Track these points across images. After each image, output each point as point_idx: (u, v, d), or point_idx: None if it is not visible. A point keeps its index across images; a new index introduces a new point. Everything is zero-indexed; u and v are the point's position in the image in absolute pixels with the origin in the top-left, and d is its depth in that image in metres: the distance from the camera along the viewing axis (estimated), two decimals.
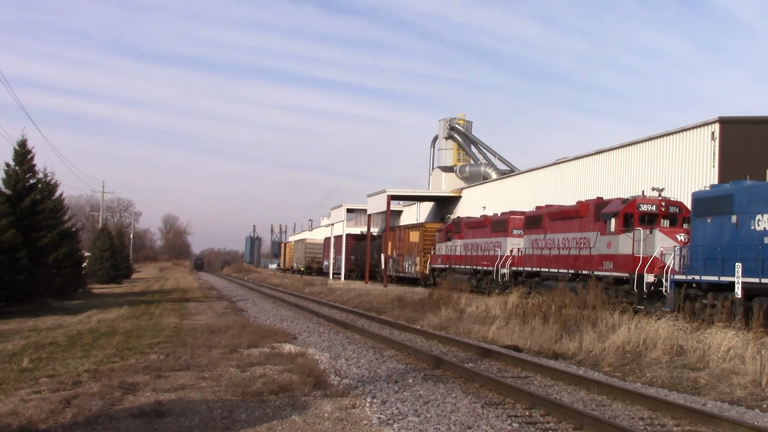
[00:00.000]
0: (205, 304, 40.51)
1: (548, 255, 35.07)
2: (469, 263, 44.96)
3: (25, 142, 41.80)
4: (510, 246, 40.04)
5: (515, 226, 40.53)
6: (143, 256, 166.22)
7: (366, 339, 23.44)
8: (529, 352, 20.84)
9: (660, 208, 29.33)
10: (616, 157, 42.48)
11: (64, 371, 15.88)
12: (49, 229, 41.92)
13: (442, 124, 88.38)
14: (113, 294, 53.83)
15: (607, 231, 30.15)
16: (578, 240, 32.53)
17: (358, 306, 38.53)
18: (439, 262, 50.52)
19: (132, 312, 33.57)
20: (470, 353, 20.13)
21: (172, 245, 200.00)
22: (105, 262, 76.65)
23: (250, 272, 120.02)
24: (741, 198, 22.52)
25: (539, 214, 37.18)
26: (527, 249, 37.57)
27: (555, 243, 34.61)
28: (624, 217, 29.36)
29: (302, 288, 58.89)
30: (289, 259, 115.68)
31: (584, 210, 32.51)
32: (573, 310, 23.91)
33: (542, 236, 36.01)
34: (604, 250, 30.23)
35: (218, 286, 71.18)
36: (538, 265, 35.96)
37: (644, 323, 20.11)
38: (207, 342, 20.88)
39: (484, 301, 30.72)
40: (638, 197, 30.07)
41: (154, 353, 18.51)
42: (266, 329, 24.85)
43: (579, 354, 19.87)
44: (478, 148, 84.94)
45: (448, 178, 78.04)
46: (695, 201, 24.91)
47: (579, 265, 32.05)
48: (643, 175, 39.03)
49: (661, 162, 38.10)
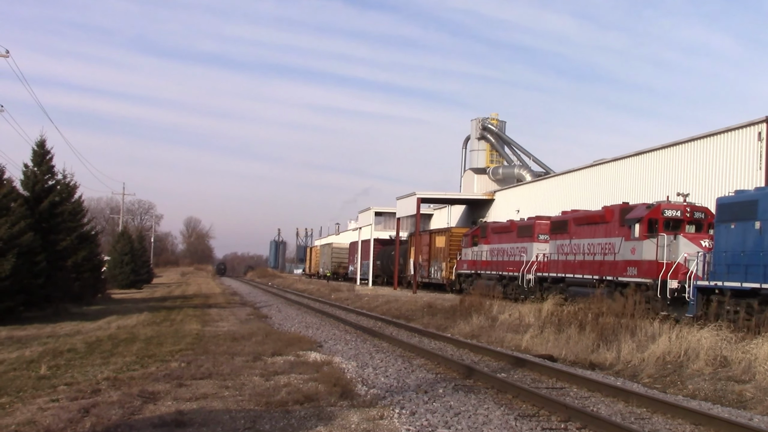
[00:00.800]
0: (227, 310, 40.65)
1: (573, 261, 35.65)
2: (495, 269, 45.56)
3: (43, 143, 42.22)
4: (536, 251, 40.62)
5: (541, 231, 41.06)
6: (164, 261, 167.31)
7: (394, 347, 23.42)
8: (564, 362, 20.74)
9: (685, 213, 29.84)
10: (656, 158, 42.16)
11: (82, 379, 15.99)
12: (68, 232, 42.34)
13: (474, 124, 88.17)
14: (133, 299, 54.18)
15: (631, 236, 30.76)
16: (603, 245, 33.13)
17: (386, 313, 38.51)
18: (465, 267, 51.05)
19: (152, 318, 33.76)
20: (503, 363, 20.07)
21: (194, 249, 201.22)
22: (125, 267, 77.20)
23: (274, 277, 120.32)
24: (765, 204, 22.99)
25: (565, 219, 37.75)
26: (553, 254, 38.18)
27: (580, 248, 35.22)
28: (648, 222, 29.93)
29: (328, 294, 58.94)
30: (315, 264, 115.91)
31: (609, 215, 33.07)
32: (610, 319, 23.79)
33: (568, 241, 36.59)
34: (629, 256, 30.79)
35: (241, 291, 71.43)
36: (564, 271, 36.50)
37: (686, 332, 19.95)
38: (230, 349, 20.93)
39: (517, 308, 30.66)
40: (663, 202, 30.62)
41: (175, 361, 18.59)
42: (291, 336, 24.89)
43: (617, 364, 19.74)
44: (511, 149, 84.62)
45: (481, 180, 77.81)
46: (719, 206, 25.46)
47: (604, 271, 32.57)
48: (685, 178, 38.72)
49: (704, 164, 37.76)
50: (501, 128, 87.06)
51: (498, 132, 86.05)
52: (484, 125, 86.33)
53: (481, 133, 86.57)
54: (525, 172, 75.16)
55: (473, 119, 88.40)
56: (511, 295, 40.78)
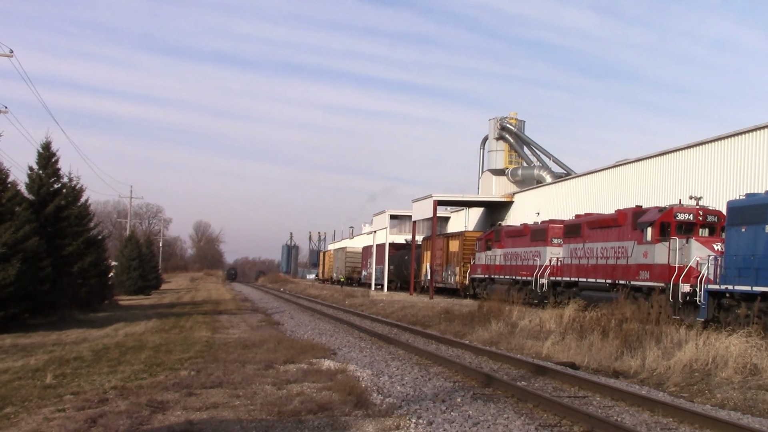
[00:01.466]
0: (238, 316, 40.72)
1: (587, 264, 36.55)
2: (508, 273, 46.34)
3: (49, 145, 42.43)
4: (549, 255, 41.56)
5: (554, 235, 42.11)
6: (173, 266, 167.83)
7: (411, 355, 23.42)
8: (586, 369, 20.68)
9: (697, 216, 30.61)
10: (682, 158, 41.93)
11: (89, 388, 16.04)
12: (74, 236, 42.48)
13: (492, 124, 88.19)
14: (141, 306, 54.35)
15: (643, 240, 31.62)
16: (616, 249, 34.00)
17: (402, 319, 38.51)
18: (478, 272, 51.92)
19: (161, 325, 33.85)
20: (523, 370, 20.04)
21: (204, 254, 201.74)
22: (133, 272, 77.49)
23: (286, 283, 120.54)
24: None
25: (578, 222, 38.75)
26: (566, 258, 39.07)
27: (594, 252, 36.09)
28: (661, 226, 30.71)
29: (342, 300, 58.97)
30: (329, 268, 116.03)
31: (622, 218, 33.92)
32: (635, 325, 23.72)
33: (581, 245, 37.54)
34: (641, 260, 31.63)
35: (253, 297, 71.53)
36: (577, 275, 37.43)
37: (713, 339, 19.87)
38: (241, 357, 20.96)
39: (538, 314, 30.67)
40: (675, 206, 31.43)
41: (184, 369, 18.63)
42: (304, 344, 24.91)
43: (641, 372, 19.66)
44: (531, 149, 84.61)
45: (499, 181, 77.88)
46: (730, 210, 26.17)
47: (617, 274, 33.45)
48: (712, 179, 38.56)
49: (733, 164, 37.55)
50: (520, 128, 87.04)
51: (517, 132, 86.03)
52: (503, 125, 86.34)
53: (499, 133, 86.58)
54: (545, 173, 75.13)
55: (491, 119, 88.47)
56: (525, 300, 41.17)
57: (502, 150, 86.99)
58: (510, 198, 65.25)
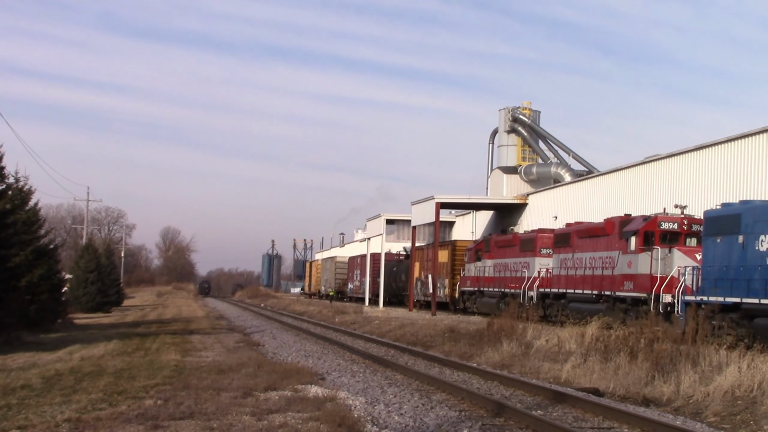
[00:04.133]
0: (212, 336, 40.71)
1: (575, 275, 39.59)
2: (497, 286, 49.08)
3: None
4: (538, 266, 44.63)
5: (544, 245, 45.17)
6: (137, 279, 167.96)
7: (410, 380, 23.46)
8: (612, 396, 20.73)
9: (682, 226, 33.89)
10: (721, 153, 41.81)
11: (38, 421, 15.96)
12: (21, 246, 42.32)
13: (502, 115, 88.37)
14: (100, 325, 54.27)
15: (628, 250, 34.82)
16: (604, 259, 37.08)
17: (400, 339, 38.58)
18: (468, 284, 54.69)
19: (123, 347, 33.79)
20: (539, 397, 20.08)
21: (173, 265, 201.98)
22: (90, 286, 77.31)
23: (267, 298, 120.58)
24: (747, 218, 26.84)
25: (568, 231, 42.00)
26: (556, 269, 42.13)
27: (582, 262, 39.08)
28: (644, 235, 33.95)
29: (332, 317, 59.06)
30: (316, 281, 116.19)
31: (610, 227, 37.00)
32: (667, 345, 23.76)
33: (570, 255, 40.58)
34: (626, 270, 34.88)
35: (229, 314, 71.57)
36: (566, 287, 40.52)
37: (759, 362, 19.87)
38: (215, 384, 20.93)
39: (556, 332, 30.85)
40: (660, 215, 34.65)
41: (150, 398, 18.57)
42: (287, 368, 24.90)
43: (676, 399, 19.69)
44: (547, 143, 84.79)
45: (511, 181, 78.02)
46: (706, 220, 29.58)
47: (604, 285, 36.58)
48: (756, 176, 38.51)
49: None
50: (535, 119, 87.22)
51: (531, 124, 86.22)
52: (515, 116, 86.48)
53: (511, 125, 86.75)
54: (563, 171, 75.35)
55: (502, 109, 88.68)
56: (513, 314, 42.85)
57: (514, 145, 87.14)
58: (523, 199, 65.34)
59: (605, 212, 44.76)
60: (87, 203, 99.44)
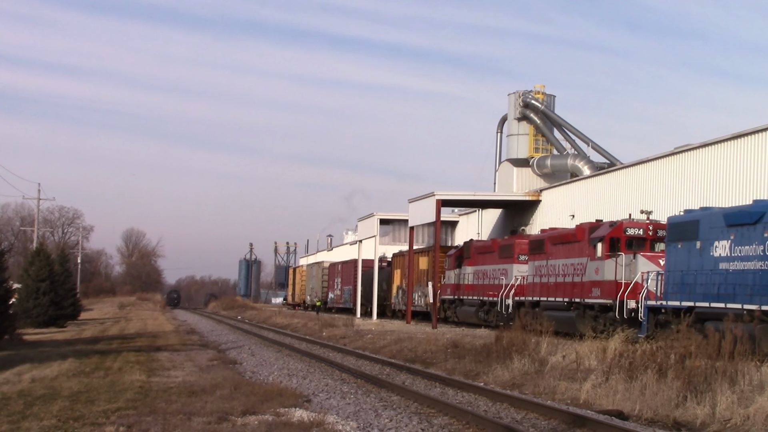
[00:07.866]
0: (183, 354, 40.70)
1: (548, 282, 44.14)
2: (477, 293, 52.67)
3: None
4: (516, 273, 49.24)
5: (521, 252, 49.64)
6: (96, 288, 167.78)
7: (408, 401, 23.50)
8: (638, 420, 20.76)
9: (647, 231, 38.56)
10: (761, 141, 41.76)
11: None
12: None
13: (512, 100, 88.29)
14: (54, 341, 54.21)
15: (595, 256, 39.37)
16: (575, 266, 41.43)
17: (396, 355, 38.63)
18: (448, 292, 58.59)
19: (80, 366, 33.76)
20: (555, 421, 20.14)
21: (137, 273, 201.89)
22: (42, 297, 77.16)
23: (245, 309, 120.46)
24: (705, 224, 31.17)
25: (542, 238, 46.54)
26: (530, 276, 46.89)
27: (556, 269, 43.56)
28: (610, 241, 38.53)
29: (318, 330, 59.04)
30: (301, 290, 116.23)
31: (581, 234, 41.42)
32: (701, 361, 23.75)
33: (545, 262, 45.06)
34: (593, 276, 39.42)
35: (201, 328, 71.60)
36: (540, 294, 45.02)
37: None
38: (185, 407, 20.93)
39: (574, 347, 30.79)
40: (625, 221, 39.39)
41: (110, 424, 18.57)
42: (268, 389, 24.93)
43: (711, 423, 19.71)
44: (563, 132, 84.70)
45: (522, 174, 77.97)
46: (669, 226, 34.08)
47: (574, 293, 40.99)
48: None
49: None
50: (549, 104, 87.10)
51: (545, 110, 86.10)
52: (526, 101, 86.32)
53: (522, 111, 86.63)
54: (582, 163, 75.27)
55: (511, 93, 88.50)
56: (492, 323, 48.05)
57: (525, 134, 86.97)
58: (536, 196, 65.46)
59: (629, 210, 44.78)
60: (38, 202, 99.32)
